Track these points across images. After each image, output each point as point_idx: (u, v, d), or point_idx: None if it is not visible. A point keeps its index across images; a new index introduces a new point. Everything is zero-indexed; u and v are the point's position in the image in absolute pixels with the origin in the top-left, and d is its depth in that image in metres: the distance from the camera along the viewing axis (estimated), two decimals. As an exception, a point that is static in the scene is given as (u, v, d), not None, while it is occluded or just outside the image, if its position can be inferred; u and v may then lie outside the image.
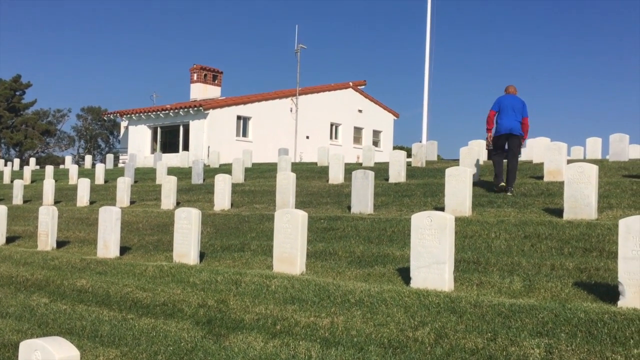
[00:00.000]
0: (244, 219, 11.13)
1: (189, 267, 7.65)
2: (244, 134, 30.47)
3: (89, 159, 32.64)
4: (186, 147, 29.08)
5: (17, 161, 33.89)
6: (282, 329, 5.24)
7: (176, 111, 29.74)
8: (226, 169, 19.78)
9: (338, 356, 4.53)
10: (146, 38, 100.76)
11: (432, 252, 6.00)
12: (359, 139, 35.56)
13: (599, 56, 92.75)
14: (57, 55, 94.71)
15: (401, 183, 13.61)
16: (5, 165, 29.59)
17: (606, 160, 15.53)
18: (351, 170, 12.18)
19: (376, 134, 36.78)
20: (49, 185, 17.09)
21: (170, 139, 31.18)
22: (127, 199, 15.14)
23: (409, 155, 18.99)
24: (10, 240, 11.88)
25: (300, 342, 4.85)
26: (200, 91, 34.66)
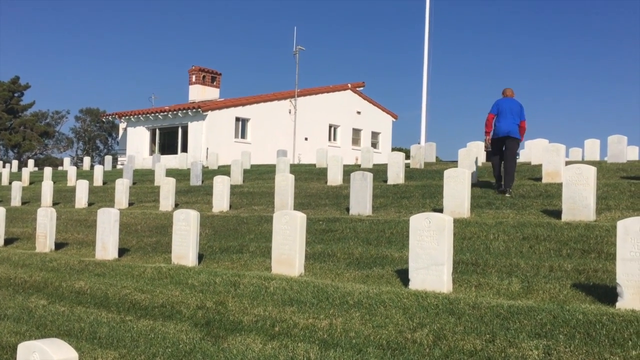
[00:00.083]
0: (243, 220, 11.12)
1: (187, 269, 7.65)
2: (243, 136, 30.47)
3: (87, 160, 32.63)
4: (185, 149, 29.07)
5: (15, 163, 33.83)
6: (280, 330, 5.24)
7: (175, 113, 29.74)
8: (225, 170, 19.77)
9: (337, 358, 4.52)
10: (145, 40, 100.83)
11: (431, 254, 6.00)
12: (357, 140, 35.56)
13: (597, 58, 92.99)
14: (55, 56, 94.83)
15: (400, 184, 13.62)
16: (4, 167, 29.58)
17: (604, 162, 15.56)
18: (350, 171, 12.19)
19: (375, 135, 36.79)
20: (47, 187, 17.08)
21: (168, 140, 31.19)
22: (126, 200, 15.12)
23: (407, 156, 19.02)
24: (8, 242, 11.87)
25: (299, 344, 4.85)
26: (199, 93, 34.68)
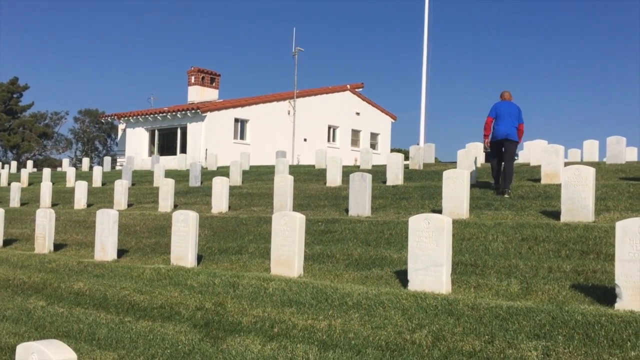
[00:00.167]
0: (242, 221, 11.12)
1: (186, 270, 7.65)
2: (242, 137, 30.48)
3: (86, 161, 32.61)
4: (184, 150, 29.08)
5: (14, 164, 33.82)
6: (279, 331, 5.23)
7: (174, 114, 29.75)
8: (224, 171, 19.76)
9: (336, 359, 4.52)
10: (144, 41, 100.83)
11: (430, 255, 6.00)
12: (356, 141, 35.57)
13: (596, 59, 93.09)
14: (54, 57, 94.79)
15: (399, 185, 13.62)
16: (2, 168, 29.55)
17: (603, 163, 15.57)
18: (349, 172, 12.19)
19: (374, 136, 36.80)
20: (46, 188, 17.07)
21: (167, 141, 31.20)
22: (125, 201, 15.12)
23: (406, 157, 19.03)
24: (7, 243, 11.86)
25: (298, 345, 4.85)
26: (198, 94, 34.69)
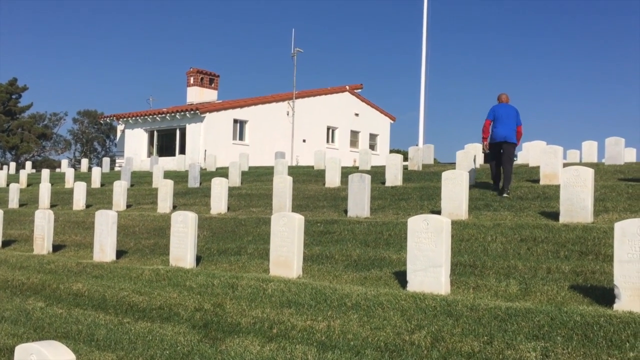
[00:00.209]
0: (241, 222, 11.12)
1: (185, 271, 7.64)
2: (241, 138, 30.48)
3: (85, 162, 32.58)
4: (183, 151, 29.08)
5: (13, 165, 33.77)
6: (278, 332, 5.23)
7: (173, 115, 29.74)
8: (223, 172, 19.76)
9: (335, 360, 4.52)
10: (142, 41, 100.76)
11: (429, 256, 6.01)
12: (355, 142, 35.58)
13: (595, 59, 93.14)
14: (53, 58, 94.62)
15: (398, 186, 13.63)
16: (1, 169, 29.54)
17: (602, 164, 15.59)
18: (348, 173, 12.20)
19: (373, 137, 36.81)
20: (45, 189, 17.05)
21: (166, 142, 31.18)
22: (124, 202, 15.11)
23: (405, 158, 19.06)
24: (6, 244, 11.85)
25: (297, 346, 4.85)
26: (197, 95, 34.68)
